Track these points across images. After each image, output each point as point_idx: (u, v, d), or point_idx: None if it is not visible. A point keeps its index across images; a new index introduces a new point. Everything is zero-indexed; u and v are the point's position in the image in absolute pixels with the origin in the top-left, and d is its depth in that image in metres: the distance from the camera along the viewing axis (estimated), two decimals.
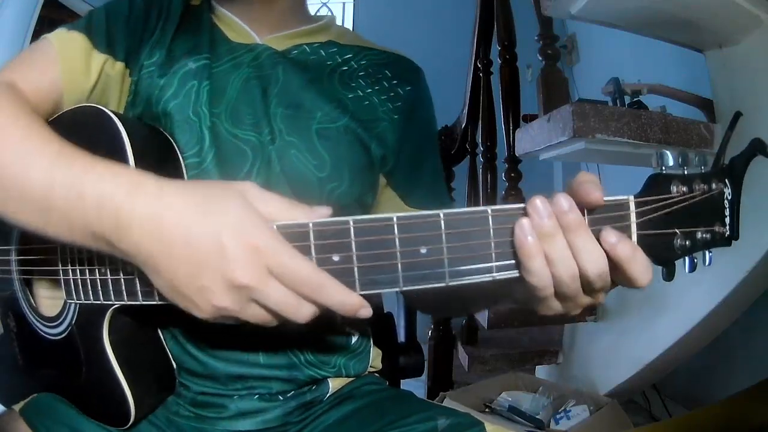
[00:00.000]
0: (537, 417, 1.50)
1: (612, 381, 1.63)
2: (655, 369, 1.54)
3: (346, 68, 0.68)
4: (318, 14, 0.74)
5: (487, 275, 0.40)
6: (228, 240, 0.38)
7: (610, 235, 0.38)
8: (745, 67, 1.19)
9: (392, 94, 0.68)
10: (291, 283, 0.39)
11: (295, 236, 0.40)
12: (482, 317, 1.61)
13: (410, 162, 0.70)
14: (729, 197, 0.42)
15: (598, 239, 0.39)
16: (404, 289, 0.40)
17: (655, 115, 1.20)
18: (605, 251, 0.38)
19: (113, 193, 0.41)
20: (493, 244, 0.40)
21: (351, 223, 0.40)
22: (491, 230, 0.39)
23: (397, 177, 0.69)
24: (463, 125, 2.04)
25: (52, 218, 0.43)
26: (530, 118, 1.56)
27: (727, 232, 0.42)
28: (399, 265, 0.40)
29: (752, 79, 1.17)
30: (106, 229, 0.41)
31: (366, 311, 0.40)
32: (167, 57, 0.62)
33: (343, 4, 3.68)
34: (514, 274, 0.40)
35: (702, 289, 1.32)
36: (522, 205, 0.39)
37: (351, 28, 3.53)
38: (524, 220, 0.38)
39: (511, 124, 1.66)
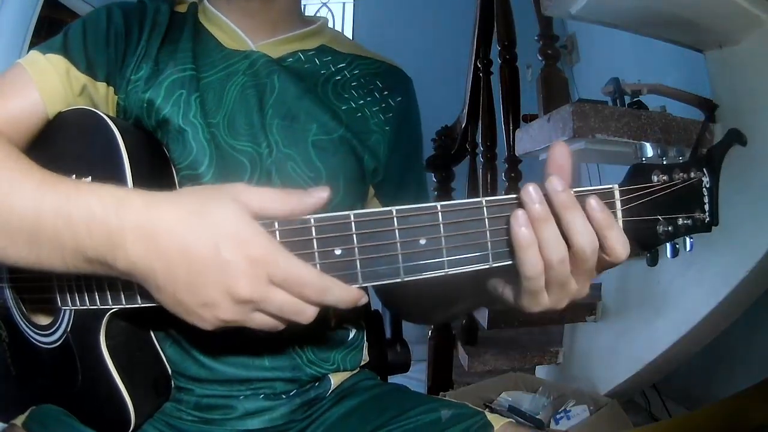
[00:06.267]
0: (537, 417, 1.50)
1: (612, 381, 1.63)
2: (655, 369, 1.54)
3: (339, 78, 0.67)
4: (311, 16, 0.73)
5: (485, 264, 0.42)
6: (227, 252, 0.38)
7: (594, 201, 0.41)
8: (745, 67, 1.18)
9: (384, 105, 0.68)
10: (294, 289, 0.39)
11: (298, 232, 0.41)
12: (482, 317, 1.61)
13: (398, 173, 0.70)
14: (707, 185, 0.44)
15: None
16: (405, 279, 0.41)
17: (655, 115, 1.20)
18: (588, 216, 0.40)
19: (100, 211, 0.40)
20: (488, 234, 0.42)
21: (352, 217, 0.41)
22: (486, 220, 0.41)
23: (385, 188, 0.70)
24: (463, 125, 2.04)
25: (43, 248, 0.42)
26: (530, 118, 1.56)
27: (707, 219, 0.44)
28: (399, 256, 0.41)
29: (752, 79, 1.17)
30: (99, 250, 0.40)
31: (364, 299, 0.42)
32: (153, 69, 0.60)
33: (343, 4, 3.67)
34: (510, 261, 0.42)
35: (702, 289, 1.32)
36: (515, 195, 0.41)
37: (351, 29, 3.54)
38: (519, 212, 0.40)
39: (511, 124, 1.66)
